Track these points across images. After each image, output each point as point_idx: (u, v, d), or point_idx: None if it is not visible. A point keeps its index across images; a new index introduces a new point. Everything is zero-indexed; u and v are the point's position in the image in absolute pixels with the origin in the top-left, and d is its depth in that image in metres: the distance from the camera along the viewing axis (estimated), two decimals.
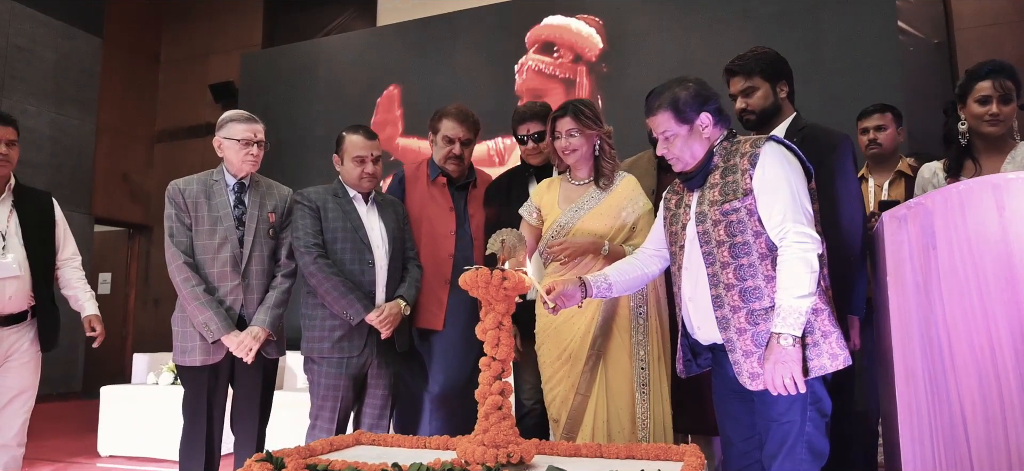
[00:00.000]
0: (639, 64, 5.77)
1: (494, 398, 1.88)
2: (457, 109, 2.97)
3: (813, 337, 1.83)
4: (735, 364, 1.89)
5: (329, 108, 6.91)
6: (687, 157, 2.00)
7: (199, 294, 2.54)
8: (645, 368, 2.35)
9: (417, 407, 2.86)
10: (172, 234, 2.61)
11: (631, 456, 1.97)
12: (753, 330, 1.86)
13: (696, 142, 1.98)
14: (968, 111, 2.31)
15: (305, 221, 2.71)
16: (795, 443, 1.85)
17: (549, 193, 2.58)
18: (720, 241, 1.91)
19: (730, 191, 1.91)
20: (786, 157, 1.90)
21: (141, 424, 4.61)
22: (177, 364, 2.64)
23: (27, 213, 2.81)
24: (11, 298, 2.70)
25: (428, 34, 6.67)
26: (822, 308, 1.85)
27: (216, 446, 2.64)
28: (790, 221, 1.83)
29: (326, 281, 2.62)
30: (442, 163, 2.95)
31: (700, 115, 1.97)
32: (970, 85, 2.31)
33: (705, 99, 1.99)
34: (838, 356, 1.84)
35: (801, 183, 1.89)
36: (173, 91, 8.50)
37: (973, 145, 2.32)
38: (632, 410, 2.33)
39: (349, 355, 2.66)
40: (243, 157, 2.65)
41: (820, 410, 1.87)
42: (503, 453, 1.80)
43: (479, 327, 1.93)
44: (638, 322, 2.38)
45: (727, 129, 2.02)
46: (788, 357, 1.79)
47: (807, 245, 1.81)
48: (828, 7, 5.24)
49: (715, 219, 1.92)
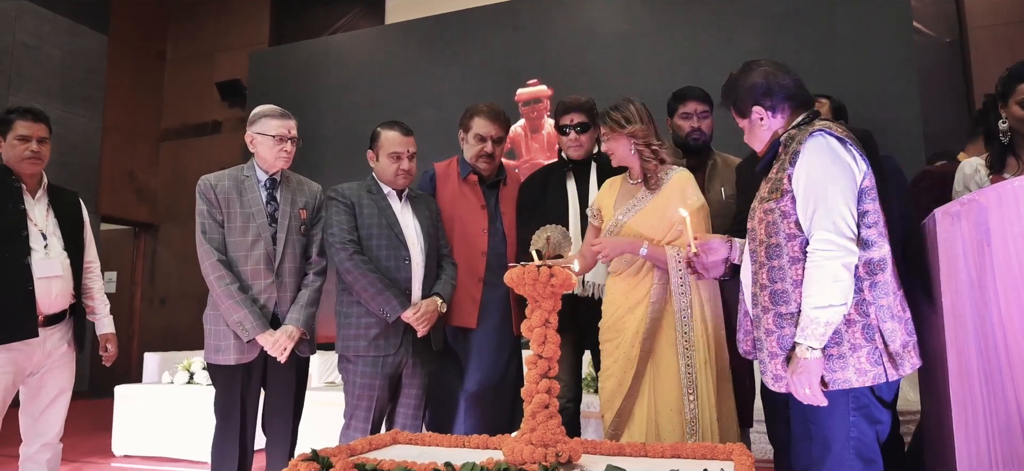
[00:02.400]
0: (652, 62, 5.76)
1: (541, 396, 1.86)
2: (489, 107, 2.94)
3: (839, 348, 1.75)
4: (761, 363, 1.86)
5: (337, 107, 6.90)
6: (758, 146, 1.97)
7: (234, 292, 2.51)
8: (692, 370, 2.33)
9: (451, 405, 2.83)
10: (204, 230, 2.58)
11: (677, 454, 1.96)
12: (779, 333, 1.81)
13: (760, 131, 1.94)
14: (1009, 111, 2.30)
15: (340, 217, 2.67)
16: (843, 448, 1.78)
17: (610, 194, 2.58)
18: (760, 240, 1.87)
19: (774, 189, 1.85)
20: (830, 152, 1.78)
21: (156, 424, 4.59)
22: (210, 363, 2.60)
23: (62, 212, 2.81)
24: (56, 297, 2.70)
25: (436, 32, 6.66)
26: (855, 320, 1.75)
27: (249, 446, 2.61)
28: (817, 226, 1.75)
29: (363, 278, 2.59)
30: (474, 161, 2.92)
31: (753, 109, 1.93)
32: (1011, 86, 2.29)
33: (763, 91, 1.90)
34: (866, 372, 1.73)
35: (844, 183, 1.76)
36: (180, 89, 8.46)
37: (1015, 143, 2.31)
38: (681, 409, 2.31)
39: (385, 354, 2.63)
40: (277, 153, 2.63)
41: (867, 416, 1.79)
42: (551, 452, 1.79)
43: (525, 324, 1.91)
44: (684, 325, 2.36)
45: (796, 115, 1.91)
46: (808, 368, 1.74)
47: (830, 253, 1.72)
48: (842, 6, 5.24)
49: (760, 217, 1.88)
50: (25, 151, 2.68)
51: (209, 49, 8.33)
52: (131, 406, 4.69)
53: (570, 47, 6.15)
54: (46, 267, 2.65)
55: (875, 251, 1.77)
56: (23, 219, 2.65)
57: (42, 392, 2.73)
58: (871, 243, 1.77)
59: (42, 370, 2.71)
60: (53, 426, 2.76)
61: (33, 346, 2.64)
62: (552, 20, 6.28)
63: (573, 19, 6.20)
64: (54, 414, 2.76)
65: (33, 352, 2.66)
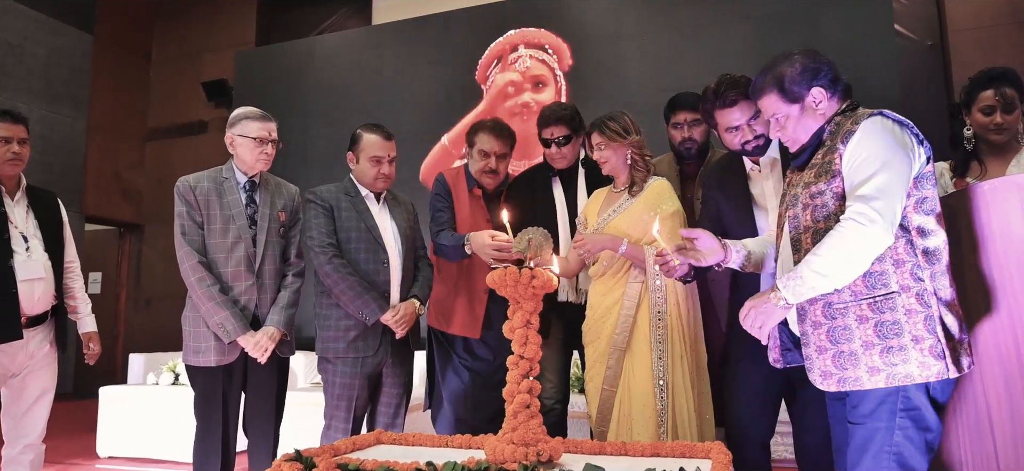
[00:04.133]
0: (639, 63, 5.80)
1: (522, 396, 1.88)
2: (494, 123, 2.94)
3: (900, 339, 1.61)
4: (807, 359, 1.75)
5: (323, 107, 6.89)
6: (803, 138, 1.84)
7: (215, 294, 2.52)
8: (664, 364, 2.38)
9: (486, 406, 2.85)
10: (184, 232, 2.58)
11: (656, 453, 1.98)
12: (829, 325, 1.70)
13: (809, 119, 1.82)
14: (973, 118, 2.35)
15: (319, 220, 2.69)
16: (880, 452, 1.64)
17: (594, 202, 2.65)
18: (806, 227, 1.75)
19: (822, 172, 1.74)
20: (889, 132, 1.67)
21: (141, 425, 4.57)
22: (189, 364, 2.60)
23: (41, 213, 2.81)
24: (38, 299, 2.71)
25: (424, 33, 6.67)
26: (917, 310, 1.61)
27: (231, 447, 2.61)
28: (859, 198, 1.62)
29: (342, 281, 2.61)
30: (478, 176, 2.93)
31: (811, 90, 1.80)
32: (973, 94, 2.35)
33: (815, 72, 1.80)
34: (931, 367, 1.60)
35: (899, 167, 1.64)
36: (165, 89, 8.41)
37: (979, 149, 2.36)
38: (653, 404, 2.37)
39: (364, 355, 2.66)
40: (257, 155, 2.63)
41: (916, 421, 1.63)
42: (532, 452, 1.81)
43: (507, 326, 1.93)
44: (658, 319, 2.42)
45: (847, 100, 1.83)
46: (770, 312, 1.72)
47: (862, 227, 1.59)
48: (827, 9, 5.30)
49: (805, 203, 1.77)
50: (7, 153, 2.68)
51: (195, 49, 8.28)
52: (116, 407, 4.67)
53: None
54: (28, 269, 2.66)
55: (932, 239, 1.67)
56: (3, 222, 2.65)
57: (24, 393, 2.73)
58: (928, 231, 1.67)
59: (24, 371, 2.71)
60: (36, 427, 2.76)
61: (16, 348, 2.64)
62: (539, 22, 6.31)
63: (561, 21, 6.23)
64: (37, 415, 2.77)
65: (16, 354, 2.66)
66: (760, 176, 2.32)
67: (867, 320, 1.65)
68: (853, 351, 1.65)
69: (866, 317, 1.65)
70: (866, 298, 1.66)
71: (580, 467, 1.78)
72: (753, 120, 2.23)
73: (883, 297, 1.64)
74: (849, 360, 1.66)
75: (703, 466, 1.78)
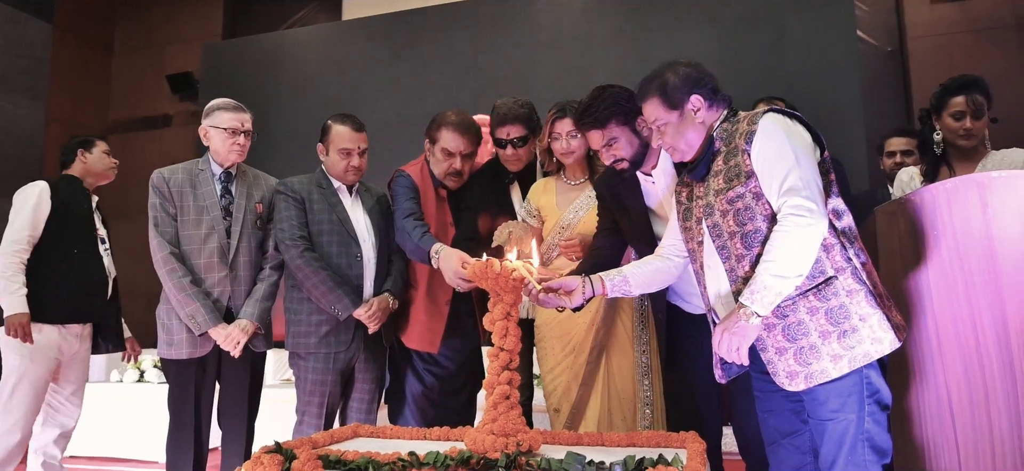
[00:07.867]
0: (609, 63, 5.86)
1: (502, 388, 1.90)
2: (458, 118, 2.66)
3: (849, 323, 1.65)
4: (769, 364, 1.75)
5: (292, 102, 6.81)
6: (682, 146, 1.88)
7: (185, 285, 2.49)
8: (647, 356, 2.40)
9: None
10: (157, 224, 2.56)
11: (632, 443, 2.02)
12: (783, 323, 1.70)
13: (689, 128, 1.85)
14: (943, 123, 2.44)
15: (289, 213, 2.64)
16: (855, 442, 1.65)
17: (546, 195, 2.58)
18: (731, 232, 1.77)
19: (733, 176, 1.77)
20: (789, 126, 1.75)
21: (106, 423, 4.48)
22: (162, 357, 2.58)
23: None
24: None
25: (394, 29, 6.64)
26: (855, 289, 1.67)
27: (204, 442, 2.58)
28: (791, 193, 1.65)
29: (314, 276, 2.56)
30: (442, 177, 2.70)
31: (690, 98, 1.84)
32: (944, 99, 2.44)
33: (697, 81, 1.85)
34: (882, 339, 1.65)
35: (809, 155, 1.72)
36: (128, 81, 8.20)
37: (948, 153, 2.46)
38: (635, 398, 2.39)
39: (336, 350, 2.61)
40: (229, 146, 2.61)
41: (879, 402, 1.68)
42: (512, 442, 1.83)
43: (487, 318, 1.94)
44: (641, 313, 2.44)
45: (726, 108, 1.88)
46: (744, 332, 1.68)
47: (805, 220, 1.63)
48: (791, 14, 5.43)
49: (723, 209, 1.78)
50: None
51: (159, 40, 8.10)
52: None
53: (528, 45, 6.21)
54: (109, 265, 3.23)
55: (847, 218, 1.75)
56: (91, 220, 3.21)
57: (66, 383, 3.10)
58: (842, 212, 1.75)
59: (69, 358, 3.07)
60: (72, 416, 3.15)
61: (73, 335, 3.03)
62: (511, 19, 6.33)
63: (530, 22, 6.26)
64: (75, 404, 3.16)
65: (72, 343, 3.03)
66: (654, 185, 2.29)
67: (817, 310, 1.68)
68: (812, 344, 1.67)
69: (816, 308, 1.68)
70: (809, 289, 1.68)
71: (560, 456, 1.81)
72: (607, 148, 2.20)
73: (824, 284, 1.68)
74: (810, 354, 1.67)
75: (681, 454, 1.83)
